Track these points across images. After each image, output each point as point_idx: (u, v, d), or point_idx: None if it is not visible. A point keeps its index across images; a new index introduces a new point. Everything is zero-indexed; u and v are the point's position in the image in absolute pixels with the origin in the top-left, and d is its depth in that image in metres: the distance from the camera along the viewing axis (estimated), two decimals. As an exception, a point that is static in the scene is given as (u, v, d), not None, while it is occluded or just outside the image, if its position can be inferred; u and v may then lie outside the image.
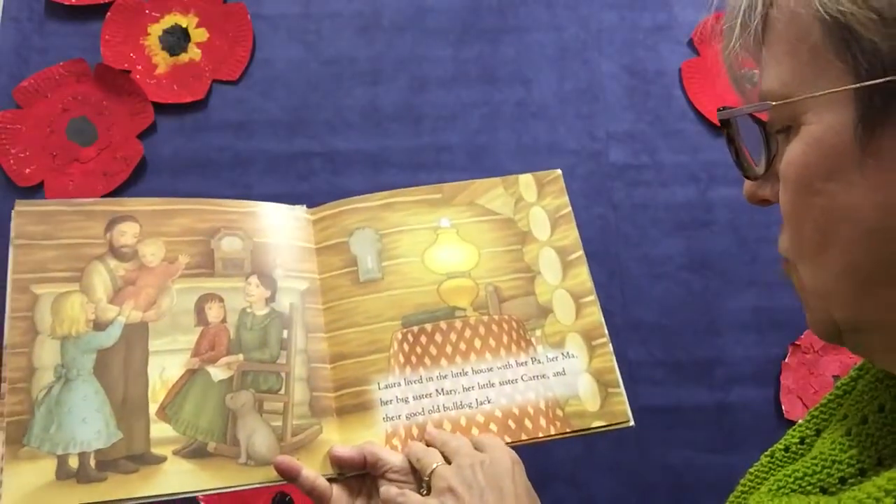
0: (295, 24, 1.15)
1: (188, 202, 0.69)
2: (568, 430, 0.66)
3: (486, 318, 0.69)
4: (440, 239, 0.72)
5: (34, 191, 1.09)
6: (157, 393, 0.63)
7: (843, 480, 0.40)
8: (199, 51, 1.14)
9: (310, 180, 1.11)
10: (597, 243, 1.09)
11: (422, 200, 0.73)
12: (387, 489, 0.59)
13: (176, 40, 1.14)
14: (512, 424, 0.65)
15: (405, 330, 0.68)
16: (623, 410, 0.67)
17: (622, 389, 0.68)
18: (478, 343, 0.68)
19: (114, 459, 0.60)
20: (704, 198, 1.12)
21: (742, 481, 0.53)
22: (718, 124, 1.19)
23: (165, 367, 0.64)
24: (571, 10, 1.17)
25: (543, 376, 0.67)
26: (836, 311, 0.38)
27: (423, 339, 0.68)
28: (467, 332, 0.68)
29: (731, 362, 1.07)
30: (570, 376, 0.68)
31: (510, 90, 1.14)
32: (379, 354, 0.67)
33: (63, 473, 0.59)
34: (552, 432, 0.65)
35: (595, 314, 0.70)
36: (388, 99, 1.13)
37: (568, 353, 0.68)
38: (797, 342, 1.06)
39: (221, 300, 0.66)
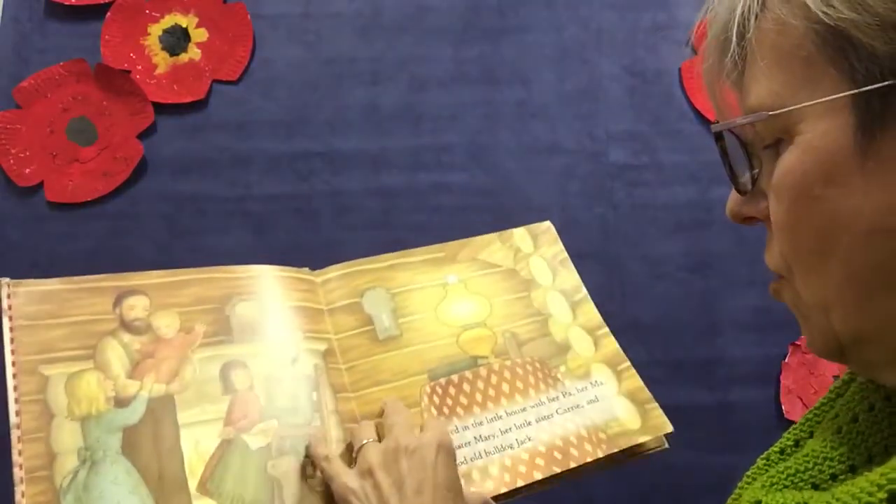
0: (295, 24, 1.15)
1: (194, 272, 0.66)
2: (615, 450, 0.66)
3: (508, 362, 0.69)
4: (450, 294, 0.73)
5: (34, 191, 1.09)
6: (195, 467, 0.58)
7: (833, 477, 0.41)
8: (199, 51, 1.14)
9: (310, 180, 1.11)
10: (597, 243, 1.09)
11: (426, 260, 0.74)
12: (315, 448, 0.59)
13: (176, 40, 1.14)
14: (558, 455, 0.64)
15: (433, 383, 0.67)
16: (663, 422, 0.68)
17: (656, 404, 0.69)
18: (506, 387, 0.68)
19: None
20: (704, 198, 1.11)
21: (739, 484, 0.54)
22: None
23: (199, 439, 0.59)
24: (571, 10, 1.17)
25: (578, 406, 0.68)
26: (837, 323, 0.38)
27: (452, 389, 0.67)
28: (494, 379, 0.68)
29: (731, 362, 1.07)
30: (604, 402, 0.68)
31: (510, 90, 1.14)
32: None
33: None
34: (599, 455, 0.65)
35: (612, 343, 0.72)
36: (388, 99, 1.13)
37: (596, 381, 0.70)
38: (797, 342, 1.06)
39: (246, 366, 0.63)
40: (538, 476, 0.63)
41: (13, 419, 0.56)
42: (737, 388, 1.06)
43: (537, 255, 0.76)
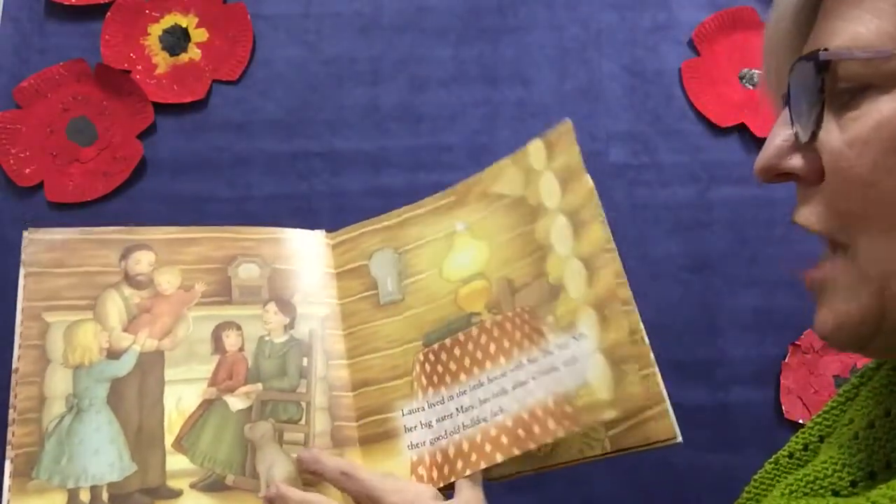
0: (295, 24, 1.15)
1: (204, 230, 0.67)
2: (577, 429, 0.58)
3: (499, 317, 0.64)
4: (456, 244, 0.68)
5: (34, 191, 1.09)
6: (174, 424, 0.61)
7: (853, 483, 0.40)
8: (199, 51, 1.14)
9: (310, 180, 1.11)
10: (597, 243, 1.09)
11: (436, 209, 0.70)
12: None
13: (176, 40, 1.14)
14: (521, 433, 0.59)
15: (426, 350, 0.65)
16: (637, 391, 0.57)
17: (637, 365, 0.58)
18: (492, 347, 0.63)
19: (128, 493, 0.58)
20: (704, 198, 1.11)
21: (747, 488, 0.54)
22: (720, 125, 1.18)
23: (182, 396, 0.61)
24: (571, 10, 1.17)
25: (554, 369, 0.60)
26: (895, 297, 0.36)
27: (444, 355, 0.64)
28: (483, 338, 0.64)
29: (731, 362, 1.07)
30: (580, 362, 0.59)
31: (510, 90, 1.14)
32: (401, 380, 0.64)
33: None
34: (560, 434, 0.58)
35: (609, 275, 0.61)
36: (388, 99, 1.13)
37: (579, 334, 0.60)
38: (797, 342, 1.06)
39: (239, 328, 0.65)
40: (499, 458, 0.58)
41: (15, 363, 0.60)
42: (737, 388, 1.06)
43: (549, 169, 0.66)
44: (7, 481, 0.56)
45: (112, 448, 0.59)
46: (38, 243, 0.63)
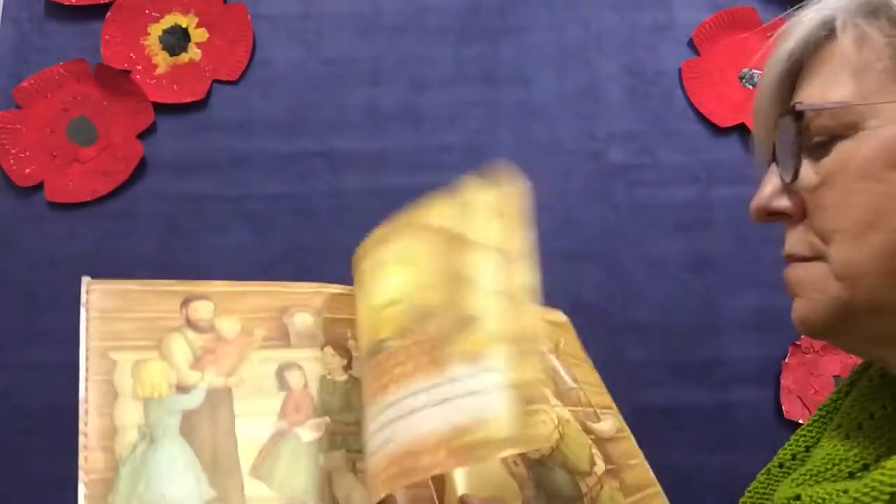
0: (295, 24, 1.15)
1: (257, 285, 0.69)
2: (468, 464, 0.56)
3: (409, 342, 0.59)
4: (382, 272, 0.66)
5: (34, 191, 1.09)
6: (248, 453, 0.61)
7: (850, 474, 0.46)
8: (199, 51, 1.14)
9: (310, 180, 1.11)
10: (597, 243, 1.09)
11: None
12: None
13: (176, 40, 1.14)
14: (409, 464, 0.54)
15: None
16: (544, 433, 0.58)
17: (550, 405, 0.60)
18: (398, 371, 0.58)
19: None
20: (704, 198, 1.11)
21: (742, 499, 0.57)
22: (720, 125, 1.18)
23: (254, 428, 0.62)
24: (571, 10, 1.17)
25: (456, 397, 0.55)
26: (863, 291, 0.43)
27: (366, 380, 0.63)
28: (390, 362, 0.59)
29: (731, 362, 1.07)
30: (484, 395, 0.54)
31: (510, 90, 1.14)
32: None
33: None
34: (449, 466, 0.55)
35: (531, 316, 0.57)
36: (388, 99, 1.13)
37: (488, 366, 0.55)
38: (797, 342, 1.06)
39: (301, 368, 0.66)
40: (382, 492, 0.54)
41: (82, 394, 0.59)
42: (737, 388, 1.06)
43: (486, 208, 0.64)
44: None
45: (189, 474, 0.58)
46: (98, 292, 0.64)
